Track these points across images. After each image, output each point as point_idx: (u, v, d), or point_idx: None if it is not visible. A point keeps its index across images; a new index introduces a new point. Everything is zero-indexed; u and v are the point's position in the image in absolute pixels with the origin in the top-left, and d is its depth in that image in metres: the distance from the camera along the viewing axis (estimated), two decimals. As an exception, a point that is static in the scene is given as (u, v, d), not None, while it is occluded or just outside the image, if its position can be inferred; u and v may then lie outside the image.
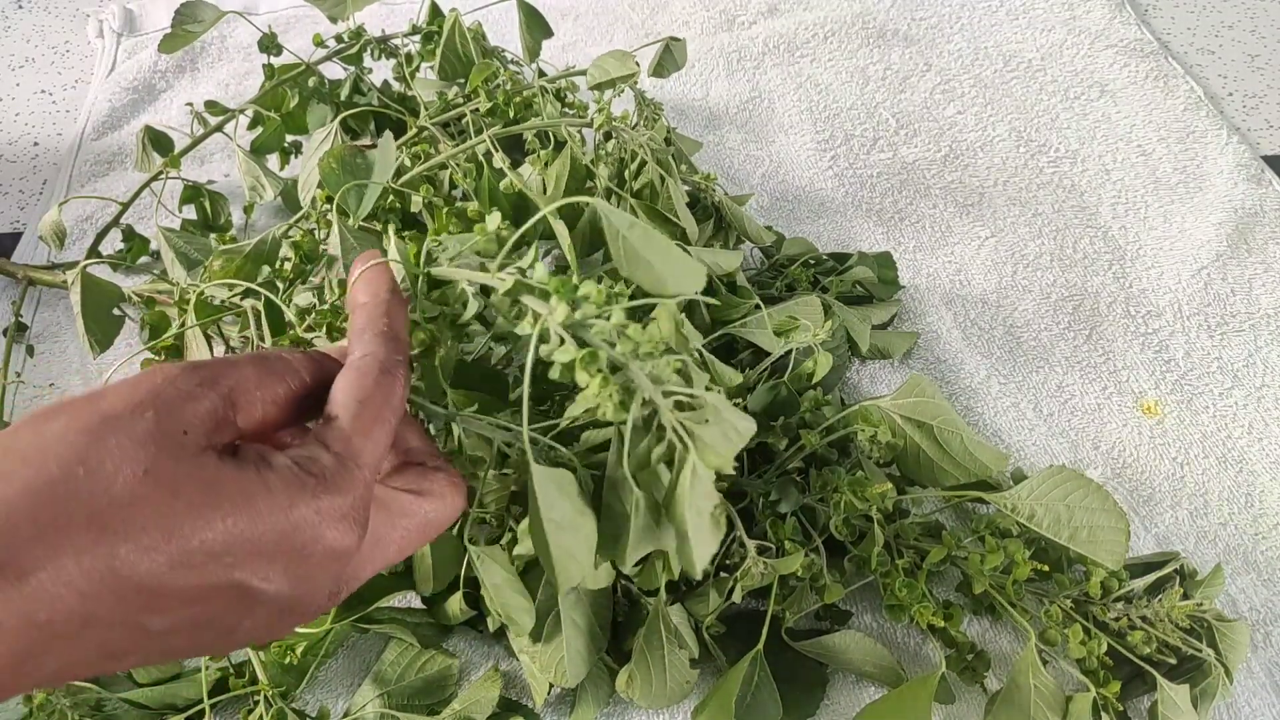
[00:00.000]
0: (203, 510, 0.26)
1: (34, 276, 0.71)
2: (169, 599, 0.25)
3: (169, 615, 0.26)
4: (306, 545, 0.28)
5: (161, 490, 0.25)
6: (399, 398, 0.32)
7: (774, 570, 0.48)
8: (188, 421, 0.27)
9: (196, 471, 0.26)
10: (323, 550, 0.28)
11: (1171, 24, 1.02)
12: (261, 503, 0.27)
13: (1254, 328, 0.71)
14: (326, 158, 0.51)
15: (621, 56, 0.61)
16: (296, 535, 0.27)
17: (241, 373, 0.30)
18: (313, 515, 0.28)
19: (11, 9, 1.03)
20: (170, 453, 0.26)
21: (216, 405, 0.28)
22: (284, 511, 0.27)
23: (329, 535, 0.28)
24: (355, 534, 0.29)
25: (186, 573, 0.25)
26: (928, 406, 0.51)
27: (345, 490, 0.29)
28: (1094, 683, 0.48)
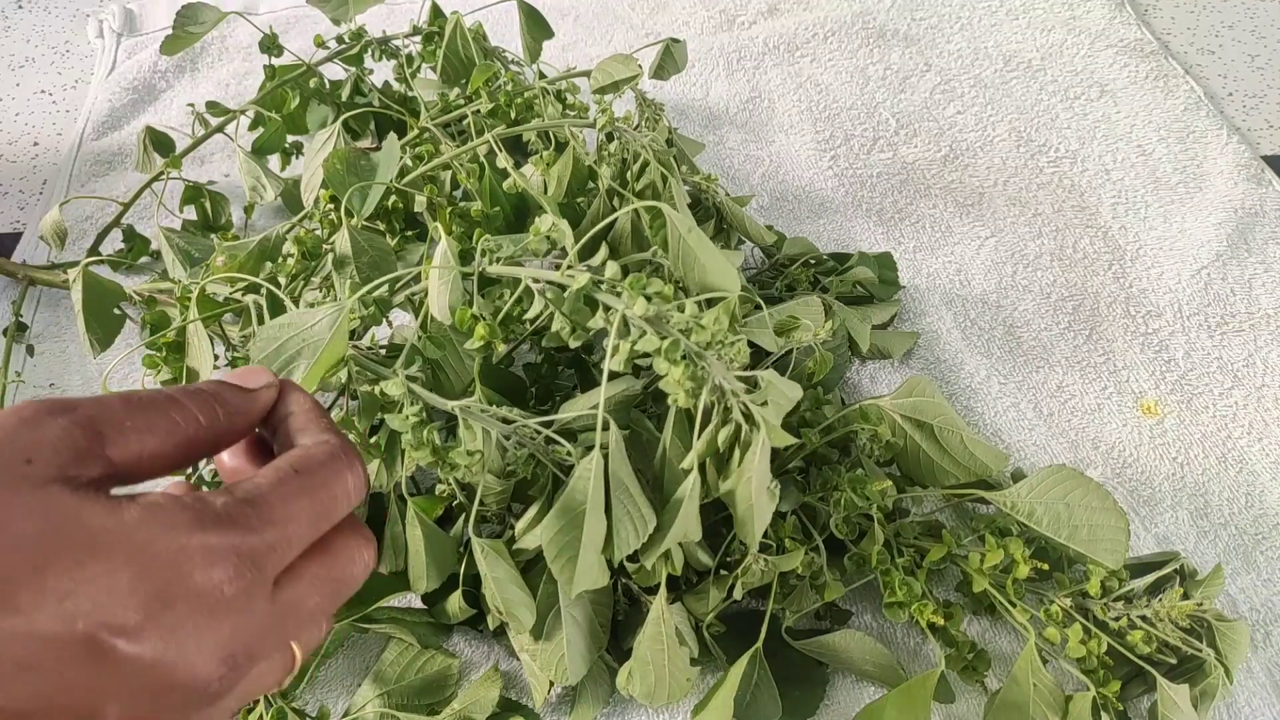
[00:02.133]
0: (37, 545, 0.22)
1: (34, 276, 0.71)
2: (2, 659, 0.21)
3: (8, 685, 0.21)
4: (171, 589, 0.23)
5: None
6: (348, 491, 0.28)
7: (774, 568, 0.49)
8: (31, 449, 0.23)
9: (35, 503, 0.22)
10: (193, 595, 0.23)
11: (1171, 24, 1.02)
12: (111, 535, 0.23)
13: (1254, 328, 0.71)
14: (331, 159, 0.51)
15: (624, 60, 0.61)
16: (156, 577, 0.23)
17: (105, 403, 0.26)
18: (178, 552, 0.23)
19: (11, 9, 1.03)
20: (4, 483, 0.22)
21: (71, 432, 0.24)
22: (141, 546, 0.23)
23: (200, 578, 0.23)
24: (238, 584, 0.24)
25: (18, 621, 0.21)
26: (928, 406, 0.51)
27: (233, 532, 0.24)
28: (1094, 682, 0.48)
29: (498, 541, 0.46)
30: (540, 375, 0.58)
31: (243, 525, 0.25)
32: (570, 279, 0.35)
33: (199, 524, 0.24)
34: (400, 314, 0.67)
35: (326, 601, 0.28)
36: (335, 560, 0.28)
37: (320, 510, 0.27)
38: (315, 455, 0.28)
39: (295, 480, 0.27)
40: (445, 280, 0.39)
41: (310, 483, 0.27)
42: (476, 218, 0.57)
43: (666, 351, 0.34)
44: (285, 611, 0.26)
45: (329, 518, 0.28)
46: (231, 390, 0.29)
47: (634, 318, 0.34)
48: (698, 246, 0.37)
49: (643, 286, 0.34)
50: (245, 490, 0.26)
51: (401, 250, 0.57)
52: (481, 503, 0.45)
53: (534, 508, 0.44)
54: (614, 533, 0.39)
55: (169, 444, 0.27)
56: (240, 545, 0.24)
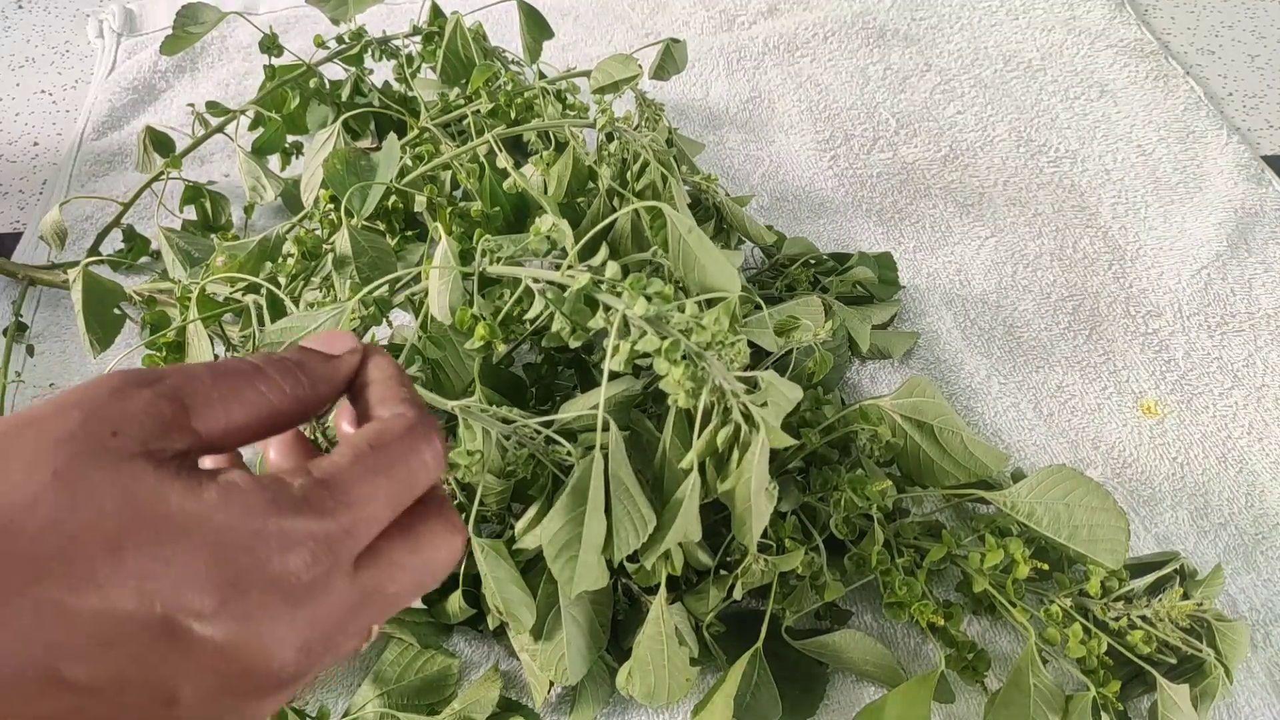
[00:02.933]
0: (119, 522, 0.22)
1: (34, 276, 0.71)
2: (78, 634, 0.21)
3: (83, 660, 0.21)
4: (249, 574, 0.23)
5: (67, 493, 0.21)
6: (426, 467, 0.27)
7: (774, 568, 0.49)
8: (118, 421, 0.23)
9: (118, 478, 0.22)
10: (270, 581, 0.23)
11: (1171, 24, 1.02)
12: (189, 515, 0.22)
13: (1254, 328, 0.71)
14: (331, 159, 0.51)
15: (624, 60, 0.61)
16: (234, 561, 0.22)
17: (192, 373, 0.25)
18: (255, 537, 0.23)
19: (11, 9, 1.03)
20: (90, 454, 0.22)
21: (159, 404, 0.24)
22: (220, 528, 0.22)
23: (279, 564, 0.23)
24: (314, 570, 0.24)
25: (94, 594, 0.21)
26: (928, 406, 0.51)
27: (309, 516, 0.24)
28: (1094, 682, 0.48)
29: (498, 541, 0.46)
30: (540, 375, 0.58)
31: (319, 509, 0.24)
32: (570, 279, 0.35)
33: (276, 508, 0.23)
34: (400, 314, 0.67)
35: (408, 588, 0.27)
36: (419, 545, 0.27)
37: (398, 488, 0.26)
38: (392, 429, 0.27)
39: (372, 458, 0.26)
40: (445, 280, 0.39)
41: (387, 459, 0.26)
42: (476, 218, 0.57)
43: (667, 352, 0.34)
44: (364, 596, 0.25)
45: (408, 494, 0.27)
46: (315, 357, 0.29)
47: (634, 318, 0.34)
48: (698, 247, 0.37)
49: (643, 287, 0.34)
50: (323, 470, 0.25)
51: (401, 250, 0.57)
52: (481, 502, 0.45)
53: (534, 508, 0.44)
54: (614, 533, 0.39)
55: (255, 415, 0.26)
56: (317, 531, 0.24)
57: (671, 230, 0.38)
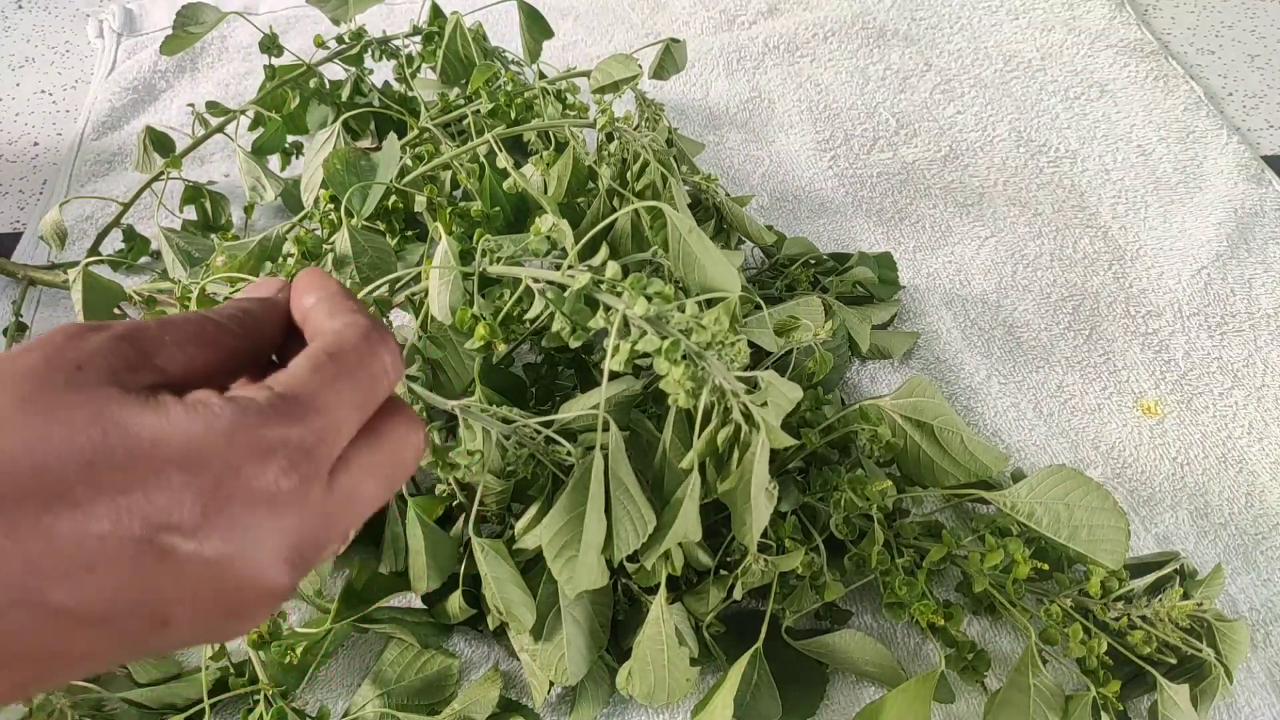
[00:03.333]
0: (86, 438, 0.22)
1: (34, 276, 0.71)
2: (60, 555, 0.21)
3: (69, 585, 0.21)
4: (224, 485, 0.23)
5: (36, 415, 0.22)
6: (386, 370, 0.28)
7: (774, 568, 0.49)
8: (81, 358, 0.23)
9: (86, 402, 0.22)
10: (246, 491, 0.23)
11: (1171, 24, 1.02)
12: (157, 430, 0.22)
13: (1254, 328, 0.71)
14: (331, 159, 0.51)
15: (624, 60, 0.61)
16: (206, 471, 0.23)
17: (140, 323, 0.26)
18: (226, 447, 0.23)
19: (11, 9, 1.03)
20: (56, 384, 0.22)
21: (117, 345, 0.24)
22: (188, 441, 0.23)
23: (254, 473, 0.23)
24: (292, 477, 0.24)
25: (71, 514, 0.21)
26: (928, 406, 0.51)
27: (280, 424, 0.24)
28: (1094, 682, 0.48)
29: (498, 541, 0.46)
30: (540, 375, 0.58)
31: (287, 416, 0.24)
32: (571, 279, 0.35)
33: (244, 419, 0.24)
34: (400, 314, 0.67)
35: (382, 487, 0.28)
36: (384, 444, 0.28)
37: (362, 392, 0.27)
38: (347, 338, 0.27)
39: (331, 365, 0.26)
40: (445, 280, 0.39)
41: (347, 365, 0.27)
42: (476, 218, 0.57)
43: (667, 352, 0.34)
44: (342, 501, 0.26)
45: (372, 399, 0.27)
46: (251, 300, 0.29)
47: (634, 318, 0.34)
48: (698, 247, 0.37)
49: (643, 287, 0.34)
50: (283, 382, 0.25)
51: (401, 250, 0.57)
52: (481, 503, 0.45)
53: (534, 508, 0.44)
54: (614, 533, 0.39)
55: (214, 354, 0.27)
56: (289, 437, 0.24)
57: (672, 230, 0.38)
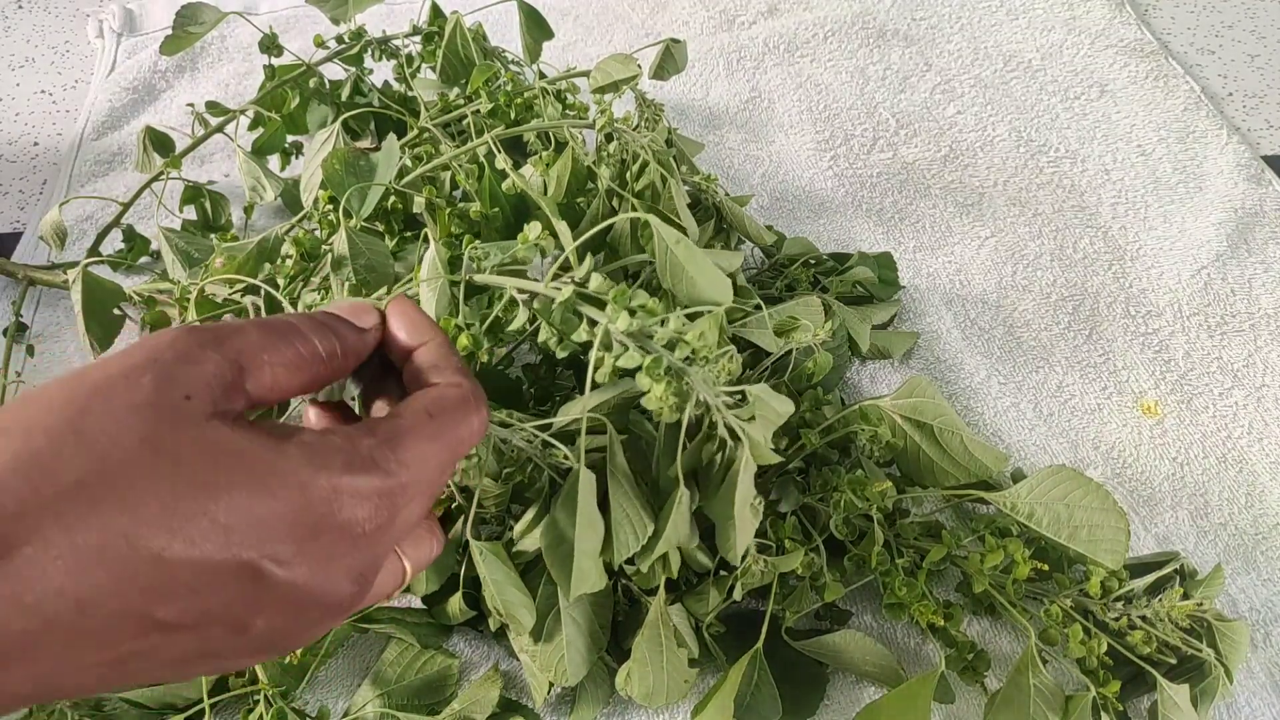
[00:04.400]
0: (207, 480, 0.24)
1: (34, 276, 0.71)
2: (173, 581, 0.23)
3: (174, 603, 0.23)
4: (322, 523, 0.25)
5: (161, 459, 0.23)
6: (473, 435, 0.30)
7: (774, 569, 0.48)
8: (190, 386, 0.25)
9: (201, 439, 0.24)
10: (339, 529, 0.26)
11: (1171, 24, 1.02)
12: (274, 473, 0.25)
13: (1254, 328, 0.71)
14: (330, 159, 0.51)
15: (623, 60, 0.61)
16: (311, 512, 0.25)
17: (246, 335, 0.27)
18: (331, 491, 0.25)
19: (11, 9, 1.03)
20: (171, 419, 0.24)
21: (223, 369, 0.26)
22: (301, 484, 0.25)
23: (347, 515, 0.26)
24: (376, 520, 0.27)
25: (188, 548, 0.23)
26: (928, 407, 0.51)
27: (377, 474, 0.27)
28: (1094, 683, 0.48)
29: (496, 544, 0.46)
30: (539, 376, 0.58)
31: (385, 469, 0.27)
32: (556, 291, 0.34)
33: (349, 467, 0.26)
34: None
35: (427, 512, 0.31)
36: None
37: (448, 454, 0.29)
38: (448, 398, 0.30)
39: (430, 425, 0.29)
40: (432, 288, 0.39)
41: (443, 427, 0.29)
42: (476, 219, 0.57)
43: (648, 369, 0.33)
44: (402, 531, 0.29)
45: (454, 460, 0.30)
46: (347, 327, 0.31)
47: (616, 332, 0.33)
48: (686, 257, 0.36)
49: (627, 300, 0.33)
50: (387, 432, 0.28)
51: (400, 251, 0.57)
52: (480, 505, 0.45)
53: (532, 510, 0.44)
54: (613, 536, 0.39)
55: (296, 378, 0.29)
56: (381, 488, 0.27)
57: (658, 241, 0.37)
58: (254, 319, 0.29)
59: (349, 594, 0.27)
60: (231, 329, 0.28)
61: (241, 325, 0.28)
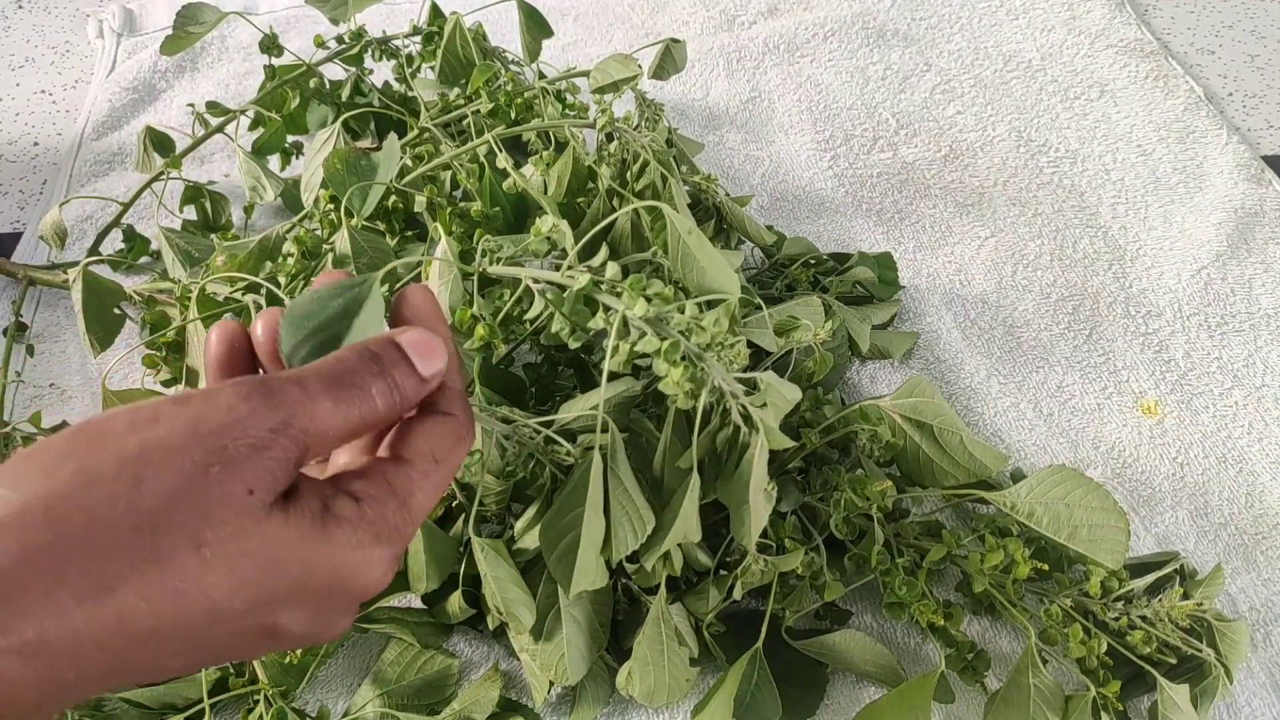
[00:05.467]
0: (258, 580, 0.25)
1: (34, 276, 0.71)
2: (199, 648, 0.25)
3: (195, 658, 0.25)
4: (344, 590, 0.27)
5: (220, 570, 0.24)
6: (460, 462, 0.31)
7: (774, 568, 0.48)
8: (254, 479, 0.24)
9: (259, 540, 0.24)
10: (357, 592, 0.28)
11: (1171, 24, 1.02)
12: (320, 558, 0.26)
13: (1254, 328, 0.71)
14: (331, 159, 0.51)
15: (623, 60, 0.61)
16: (339, 583, 0.27)
17: (317, 408, 0.26)
18: (360, 563, 0.27)
19: (11, 9, 1.03)
20: (233, 525, 0.24)
21: (289, 452, 0.25)
22: (338, 564, 0.26)
23: (366, 580, 0.28)
24: (390, 575, 0.29)
25: (223, 626, 0.25)
26: (927, 407, 0.51)
27: (398, 542, 0.28)
28: (1094, 682, 0.48)
29: (497, 541, 0.46)
30: (540, 375, 0.58)
31: (402, 536, 0.28)
32: (571, 280, 0.35)
33: (377, 542, 0.27)
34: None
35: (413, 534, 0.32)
36: None
37: (446, 484, 0.30)
38: (449, 436, 0.30)
39: (437, 472, 0.29)
40: (445, 280, 0.39)
41: (446, 471, 0.30)
42: (476, 218, 0.57)
43: (666, 353, 0.34)
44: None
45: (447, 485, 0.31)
46: (412, 379, 0.29)
47: (634, 319, 0.34)
48: (697, 248, 0.37)
49: (643, 288, 0.34)
50: (403, 488, 0.28)
51: (401, 250, 0.57)
52: (481, 502, 0.45)
53: (533, 508, 0.44)
54: (613, 533, 0.39)
55: (350, 439, 0.28)
56: (397, 551, 0.28)
57: (671, 231, 0.38)
58: (325, 376, 0.27)
59: (344, 628, 0.29)
60: (300, 400, 0.26)
61: (311, 393, 0.26)
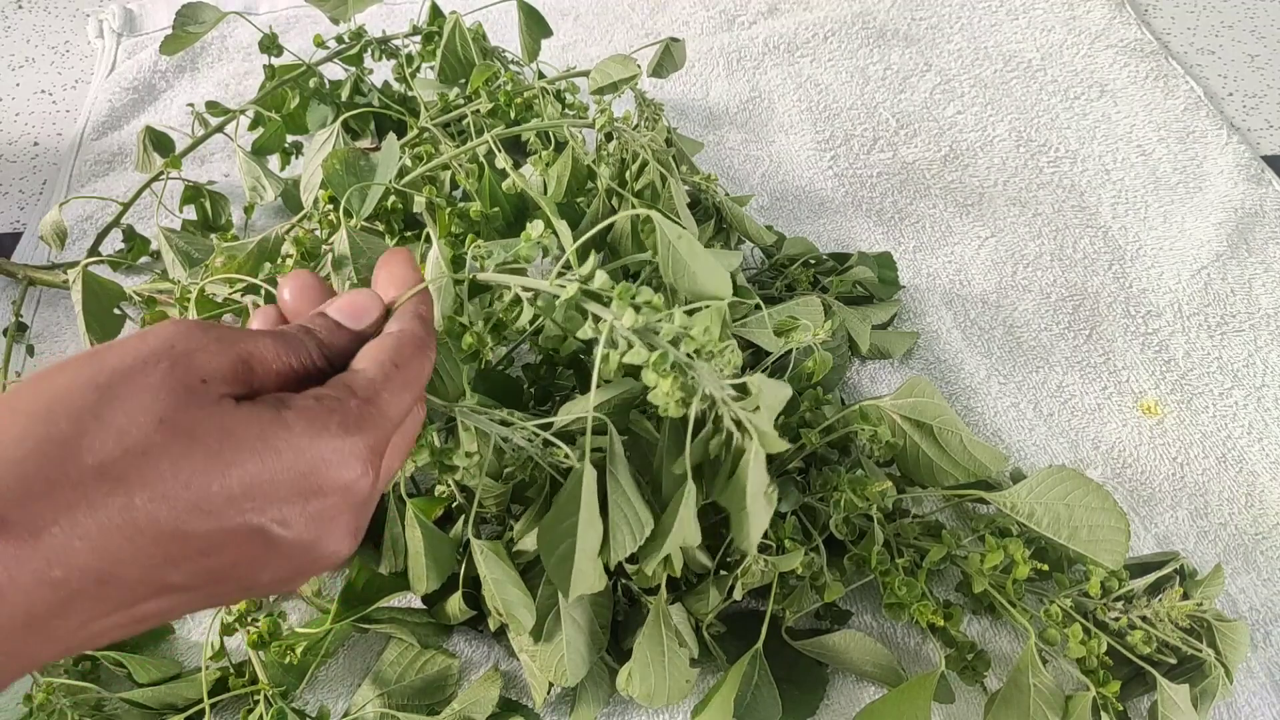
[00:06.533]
0: (221, 455, 0.26)
1: (34, 276, 0.71)
2: (188, 549, 0.25)
3: (188, 566, 0.26)
4: (324, 484, 0.28)
5: (179, 438, 0.25)
6: (426, 375, 0.33)
7: (774, 568, 0.48)
8: (205, 371, 0.27)
9: (215, 418, 0.26)
10: (339, 489, 0.28)
11: (1171, 24, 1.02)
12: (280, 442, 0.27)
13: (1254, 328, 0.71)
14: (330, 159, 0.51)
15: (623, 60, 0.61)
16: (314, 475, 0.27)
17: (259, 342, 0.30)
18: (331, 453, 0.28)
19: (11, 9, 1.03)
20: (187, 400, 0.26)
21: (235, 364, 0.28)
22: (303, 449, 0.27)
23: (346, 474, 0.28)
24: (371, 477, 0.29)
25: (205, 519, 0.25)
26: (927, 407, 0.51)
27: (367, 432, 0.29)
28: (1094, 682, 0.48)
29: (496, 543, 0.46)
30: (539, 376, 0.58)
31: (371, 426, 0.29)
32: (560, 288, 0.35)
33: (344, 430, 0.28)
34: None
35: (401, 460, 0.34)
36: (408, 429, 0.34)
37: (413, 398, 0.32)
38: (407, 345, 0.32)
39: (399, 376, 0.31)
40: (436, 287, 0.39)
41: (409, 375, 0.32)
42: (475, 218, 0.57)
43: (654, 364, 0.33)
44: (386, 480, 0.32)
45: (417, 401, 0.33)
46: (348, 336, 0.33)
47: (622, 329, 0.33)
48: (687, 253, 0.37)
49: (631, 296, 0.33)
50: (364, 389, 0.30)
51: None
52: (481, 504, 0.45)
53: (533, 510, 0.44)
54: (610, 536, 0.39)
55: (291, 378, 0.31)
56: (371, 444, 0.29)
57: (661, 237, 0.37)
58: (271, 334, 0.31)
59: (346, 546, 0.30)
60: (246, 334, 0.30)
61: (255, 333, 0.30)
